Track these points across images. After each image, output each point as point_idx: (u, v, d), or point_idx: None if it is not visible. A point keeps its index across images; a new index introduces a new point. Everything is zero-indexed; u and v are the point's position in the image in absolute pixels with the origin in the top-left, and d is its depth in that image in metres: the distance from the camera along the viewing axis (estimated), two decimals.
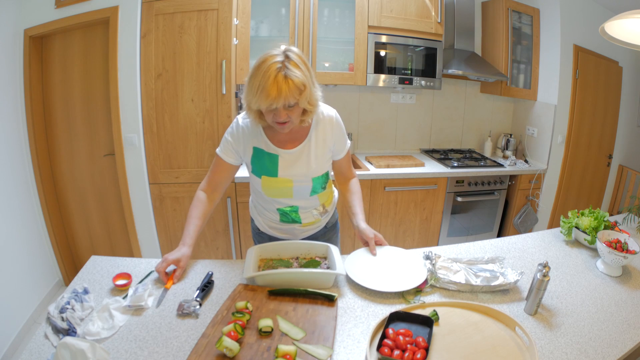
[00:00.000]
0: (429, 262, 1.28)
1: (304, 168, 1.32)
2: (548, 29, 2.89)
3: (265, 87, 1.08)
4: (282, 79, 1.09)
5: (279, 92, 1.09)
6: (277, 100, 1.10)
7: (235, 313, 1.02)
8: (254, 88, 1.11)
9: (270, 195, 1.37)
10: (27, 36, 2.12)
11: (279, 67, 1.09)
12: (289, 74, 1.10)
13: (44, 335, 0.98)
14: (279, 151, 1.30)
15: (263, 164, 1.31)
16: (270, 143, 1.30)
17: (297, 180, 1.33)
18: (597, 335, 1.05)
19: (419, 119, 3.19)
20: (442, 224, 2.85)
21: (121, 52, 2.09)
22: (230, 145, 1.32)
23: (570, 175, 3.12)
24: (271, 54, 1.12)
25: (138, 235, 2.40)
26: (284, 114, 1.15)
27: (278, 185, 1.33)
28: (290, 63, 1.11)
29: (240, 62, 2.35)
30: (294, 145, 1.31)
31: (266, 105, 1.11)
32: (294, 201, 1.39)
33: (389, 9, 2.54)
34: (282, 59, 1.11)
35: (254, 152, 1.31)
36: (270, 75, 1.08)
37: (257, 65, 1.12)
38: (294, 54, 1.14)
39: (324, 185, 1.41)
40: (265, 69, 1.09)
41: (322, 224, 1.51)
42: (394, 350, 0.92)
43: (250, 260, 1.23)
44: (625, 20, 1.31)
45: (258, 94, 1.10)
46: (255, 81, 1.10)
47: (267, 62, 1.10)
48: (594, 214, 1.56)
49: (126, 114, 2.18)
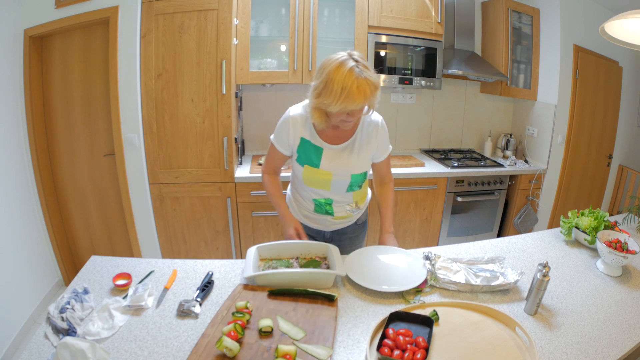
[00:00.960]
0: (429, 263, 1.29)
1: (345, 164, 1.39)
2: (548, 29, 2.89)
3: (351, 91, 1.12)
4: (364, 82, 1.13)
5: (365, 95, 1.14)
6: (363, 102, 1.16)
7: (235, 313, 1.02)
8: (336, 92, 1.13)
9: (309, 184, 1.44)
10: (27, 36, 2.12)
11: (358, 70, 1.13)
12: (368, 76, 1.15)
13: (44, 335, 0.98)
14: (324, 145, 1.38)
15: (308, 155, 1.39)
16: (318, 136, 1.37)
17: (337, 174, 1.40)
18: (597, 335, 1.05)
19: (419, 119, 3.19)
20: (442, 224, 2.85)
21: (121, 52, 2.09)
22: (281, 135, 1.41)
23: (570, 175, 3.12)
24: (342, 59, 1.16)
25: (138, 235, 2.40)
26: (358, 113, 1.22)
27: (318, 176, 1.41)
28: (362, 65, 1.16)
29: (240, 62, 2.35)
30: (339, 142, 1.39)
31: (352, 107, 1.16)
32: (330, 194, 1.46)
33: (389, 9, 2.54)
34: (354, 63, 1.15)
35: (301, 142, 1.39)
36: (353, 79, 1.12)
37: (332, 69, 1.15)
38: (359, 57, 1.18)
39: (361, 184, 1.48)
40: (345, 73, 1.13)
41: (352, 219, 1.58)
42: (394, 350, 0.92)
43: (250, 260, 1.23)
44: (625, 20, 1.31)
45: (342, 98, 1.13)
46: (337, 86, 1.13)
47: (344, 66, 1.14)
48: (594, 214, 1.56)
49: (126, 114, 2.18)
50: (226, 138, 2.28)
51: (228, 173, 2.34)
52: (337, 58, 1.17)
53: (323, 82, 1.17)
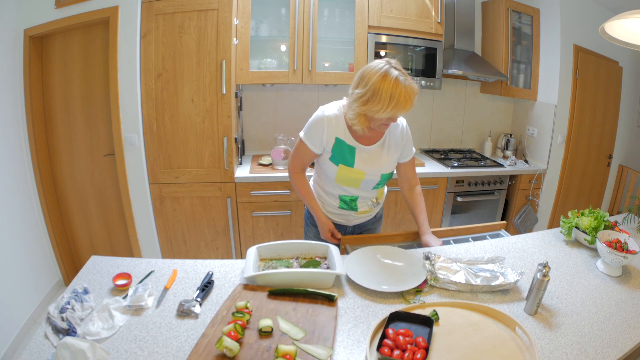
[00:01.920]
0: (429, 263, 1.29)
1: (377, 164, 1.48)
2: (548, 29, 2.89)
3: (400, 99, 1.21)
4: (410, 90, 1.23)
5: (412, 102, 1.24)
6: (410, 108, 1.24)
7: (235, 313, 1.02)
8: (384, 100, 1.22)
9: (340, 182, 1.51)
10: (27, 36, 2.12)
11: (403, 79, 1.22)
12: (411, 84, 1.23)
13: (44, 335, 0.98)
14: (357, 145, 1.44)
15: (343, 154, 1.45)
16: (351, 136, 1.43)
17: (369, 174, 1.48)
18: (597, 335, 1.05)
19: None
20: (442, 224, 2.85)
21: (121, 52, 2.09)
22: (315, 133, 1.44)
23: (570, 175, 3.12)
24: (385, 68, 1.23)
25: (138, 235, 2.40)
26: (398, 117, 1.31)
27: (351, 175, 1.48)
28: (402, 74, 1.23)
29: (240, 62, 2.35)
30: (369, 143, 1.46)
31: (401, 114, 1.26)
32: (357, 191, 1.54)
33: (389, 9, 2.54)
34: (398, 72, 1.23)
35: (336, 142, 1.44)
36: (400, 87, 1.21)
37: (378, 79, 1.22)
38: (397, 64, 1.26)
39: (386, 182, 1.59)
40: (392, 83, 1.21)
41: (372, 214, 1.68)
42: (394, 350, 0.92)
43: (250, 260, 1.23)
44: (625, 20, 1.31)
45: (392, 106, 1.22)
46: (385, 94, 1.21)
47: (390, 75, 1.22)
48: (594, 214, 1.56)
49: (126, 114, 2.18)
50: (226, 138, 2.28)
51: (228, 173, 2.35)
52: (380, 67, 1.24)
53: (371, 91, 1.24)
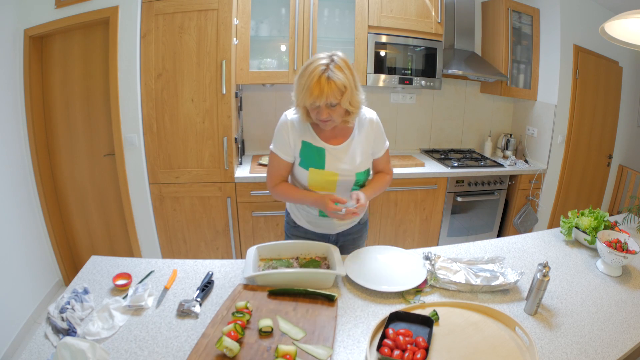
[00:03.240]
0: (429, 263, 1.29)
1: (349, 163, 1.42)
2: (548, 29, 2.88)
3: (310, 86, 1.22)
4: (325, 80, 1.22)
5: (321, 92, 1.22)
6: (319, 98, 1.23)
7: (235, 313, 1.02)
8: (301, 86, 1.26)
9: (315, 187, 1.44)
10: (27, 36, 2.12)
11: (323, 69, 1.22)
12: (332, 76, 1.22)
13: (44, 335, 0.98)
14: (325, 145, 1.40)
15: (311, 157, 1.41)
16: (318, 137, 1.40)
17: (342, 175, 1.42)
18: (597, 335, 1.05)
19: (419, 119, 3.19)
20: (442, 224, 2.85)
21: (121, 52, 2.09)
22: (282, 140, 1.41)
23: (570, 175, 3.12)
24: (318, 57, 1.26)
25: (138, 235, 2.40)
26: (326, 112, 1.27)
27: (324, 178, 1.42)
28: (335, 66, 1.24)
29: (240, 62, 2.35)
30: (338, 142, 1.41)
31: (309, 102, 1.25)
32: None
33: (389, 9, 2.54)
34: (327, 62, 1.24)
35: (303, 145, 1.40)
36: (314, 76, 1.22)
37: (305, 66, 1.26)
38: (338, 59, 1.26)
39: (364, 182, 1.51)
40: (311, 70, 1.23)
41: (356, 220, 1.59)
42: (394, 350, 0.92)
43: (250, 260, 1.23)
44: (626, 20, 1.31)
45: (303, 92, 1.25)
46: (302, 80, 1.25)
47: (314, 64, 1.24)
48: (594, 214, 1.56)
49: (126, 114, 2.18)
50: (226, 138, 2.28)
51: (228, 173, 2.34)
52: (315, 56, 1.27)
53: (297, 78, 1.29)
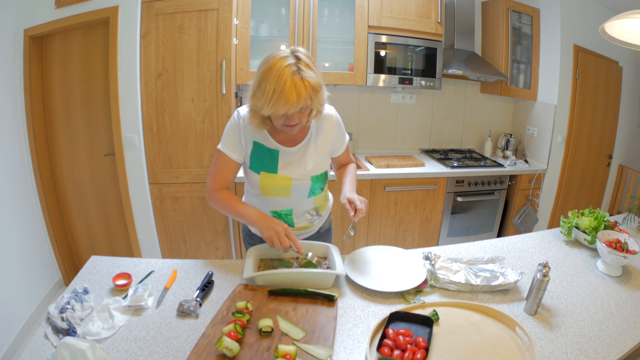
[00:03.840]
0: (429, 263, 1.29)
1: (304, 167, 1.29)
2: (548, 29, 2.88)
3: (284, 92, 1.02)
4: (299, 81, 1.04)
5: (299, 96, 1.04)
6: (296, 104, 1.05)
7: (235, 313, 1.02)
8: (268, 93, 1.04)
9: (267, 193, 1.31)
10: (27, 36, 2.12)
11: (294, 70, 1.04)
12: (305, 76, 1.05)
13: (44, 335, 0.98)
14: (279, 147, 1.26)
15: (262, 160, 1.27)
16: (271, 139, 1.26)
17: (297, 179, 1.29)
18: (597, 335, 1.05)
19: (419, 119, 3.19)
20: (442, 224, 2.85)
21: (121, 52, 2.09)
22: (233, 138, 1.25)
23: (570, 175, 3.12)
24: (280, 56, 1.06)
25: (138, 235, 2.40)
26: (297, 116, 1.11)
27: (277, 183, 1.29)
28: (302, 64, 1.06)
29: (240, 62, 2.35)
30: (294, 144, 1.28)
31: (284, 110, 1.05)
32: (290, 202, 1.34)
33: (389, 9, 2.54)
34: (293, 60, 1.05)
35: (254, 147, 1.26)
36: (286, 79, 1.02)
37: (266, 68, 1.05)
38: (303, 55, 1.08)
39: (322, 186, 1.38)
40: (278, 72, 1.03)
41: (314, 228, 1.47)
42: (394, 350, 0.92)
43: (250, 260, 1.23)
44: (626, 20, 1.31)
45: (274, 100, 1.03)
46: (269, 86, 1.03)
47: (279, 65, 1.03)
48: (594, 214, 1.56)
49: (126, 114, 2.18)
50: None
51: None
52: (273, 55, 1.07)
53: (257, 82, 1.07)
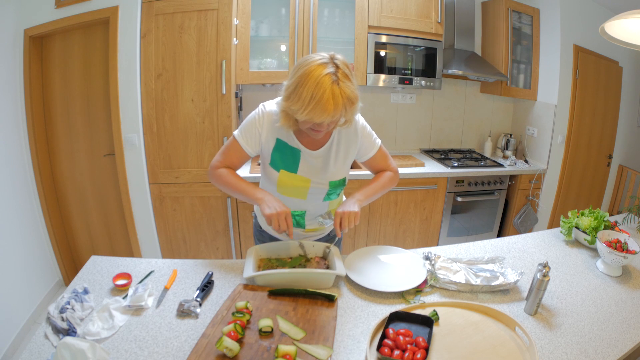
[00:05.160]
0: (429, 263, 1.29)
1: (324, 170, 1.28)
2: (548, 29, 2.88)
3: (321, 101, 1.01)
4: (338, 92, 1.02)
5: (335, 107, 1.02)
6: (332, 115, 1.03)
7: (235, 313, 1.02)
8: (305, 99, 1.02)
9: (284, 192, 1.29)
10: (27, 36, 2.12)
11: (334, 79, 1.02)
12: (343, 87, 1.03)
13: (44, 335, 0.98)
14: (301, 148, 1.24)
15: (284, 158, 1.25)
16: (295, 137, 1.24)
17: (315, 182, 1.28)
18: (597, 335, 1.05)
19: (419, 119, 3.19)
20: (442, 224, 2.85)
21: (121, 52, 2.09)
22: (252, 131, 1.23)
23: (570, 175, 3.12)
24: (319, 62, 1.03)
25: (138, 235, 2.40)
26: (327, 125, 1.10)
27: (295, 183, 1.27)
28: (341, 73, 1.04)
29: (240, 62, 2.35)
30: (316, 147, 1.26)
31: (320, 120, 1.04)
32: (305, 204, 1.33)
33: (389, 9, 2.54)
34: (333, 69, 1.03)
35: (277, 144, 1.24)
36: (325, 88, 1.00)
37: (305, 73, 1.03)
38: (341, 63, 1.06)
39: (339, 191, 1.36)
40: (317, 80, 1.01)
41: (325, 231, 1.47)
42: (394, 350, 0.92)
43: (250, 260, 1.23)
44: (626, 20, 1.31)
45: (311, 107, 1.02)
46: (306, 92, 1.01)
47: (319, 72, 1.01)
48: (594, 214, 1.56)
49: (126, 114, 2.18)
50: (226, 138, 2.28)
51: None
52: (316, 59, 1.04)
53: (294, 85, 1.05)
